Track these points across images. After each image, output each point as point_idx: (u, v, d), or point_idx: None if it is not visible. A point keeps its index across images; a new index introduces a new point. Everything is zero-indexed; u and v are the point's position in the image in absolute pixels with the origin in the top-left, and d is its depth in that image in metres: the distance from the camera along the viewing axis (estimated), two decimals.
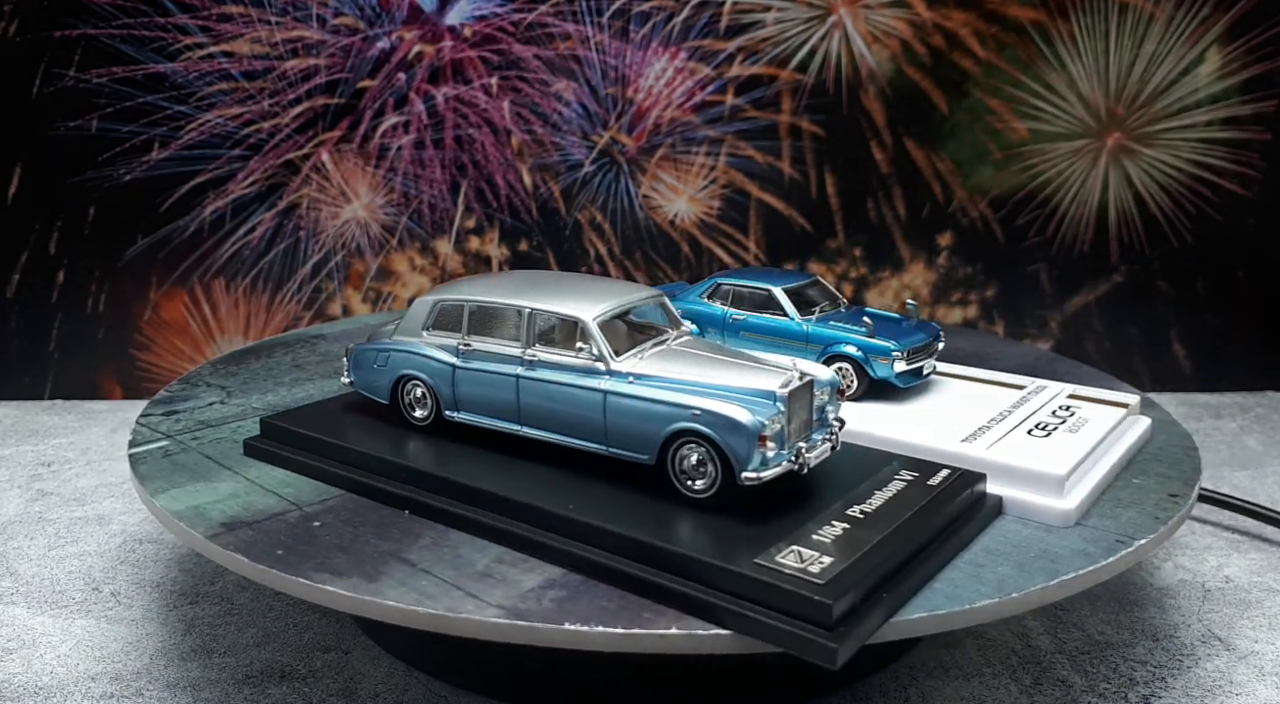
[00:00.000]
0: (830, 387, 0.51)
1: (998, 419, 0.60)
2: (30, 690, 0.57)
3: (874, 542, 0.45)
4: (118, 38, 1.04)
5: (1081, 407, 0.63)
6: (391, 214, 1.11)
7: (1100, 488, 0.55)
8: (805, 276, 0.71)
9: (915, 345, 0.65)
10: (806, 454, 0.48)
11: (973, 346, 0.84)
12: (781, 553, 0.44)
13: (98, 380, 1.12)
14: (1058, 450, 0.55)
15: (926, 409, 0.63)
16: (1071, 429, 0.59)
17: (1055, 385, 0.67)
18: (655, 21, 1.08)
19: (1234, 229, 1.13)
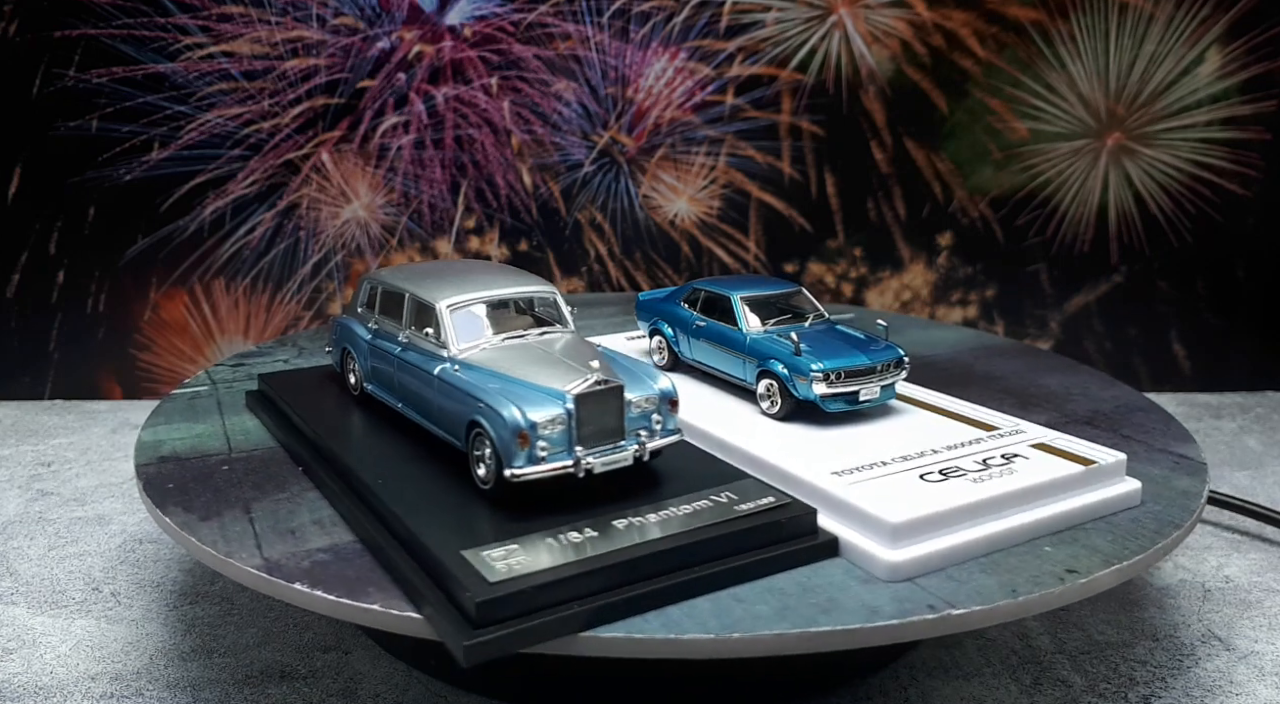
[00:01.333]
0: (661, 397, 0.50)
1: (912, 456, 0.54)
2: (30, 690, 0.57)
3: (602, 553, 0.43)
4: (118, 38, 1.04)
5: (1033, 458, 0.53)
6: (391, 214, 1.11)
7: (979, 548, 0.48)
8: (786, 286, 0.66)
9: (848, 368, 0.58)
10: (591, 460, 0.48)
11: (1058, 384, 0.72)
12: (496, 549, 0.44)
13: (98, 380, 1.12)
14: (922, 498, 0.48)
15: (849, 435, 0.57)
16: (979, 479, 0.51)
17: (1033, 431, 0.57)
18: (655, 21, 1.08)
19: (1234, 229, 1.13)
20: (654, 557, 0.44)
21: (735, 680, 0.54)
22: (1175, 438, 0.62)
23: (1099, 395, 0.70)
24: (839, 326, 0.64)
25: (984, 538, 0.48)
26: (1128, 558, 0.47)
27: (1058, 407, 0.68)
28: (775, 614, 0.42)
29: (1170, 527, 0.50)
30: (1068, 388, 0.72)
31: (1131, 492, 0.53)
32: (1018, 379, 0.74)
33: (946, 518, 0.48)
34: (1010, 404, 0.67)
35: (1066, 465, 0.52)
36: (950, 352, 0.82)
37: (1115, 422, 0.65)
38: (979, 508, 0.49)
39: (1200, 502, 0.54)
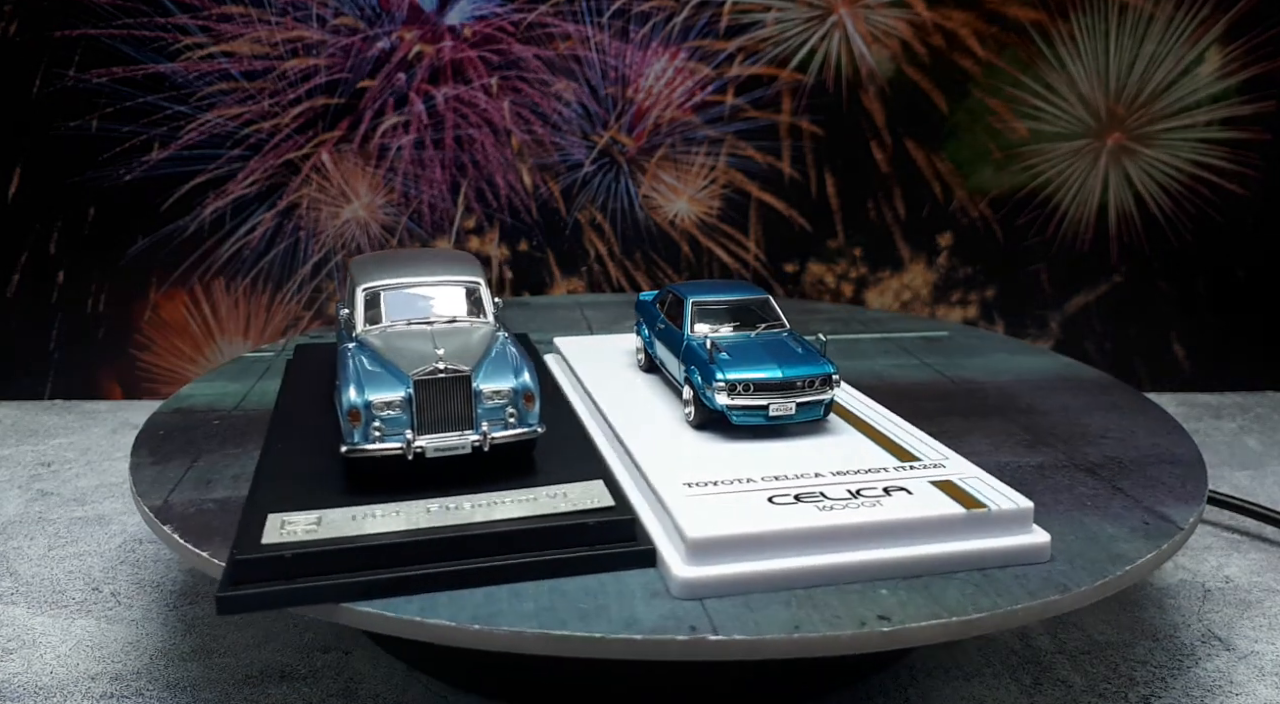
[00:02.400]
0: (516, 391, 0.50)
1: (789, 477, 0.50)
2: (30, 690, 0.57)
3: (378, 532, 0.45)
4: (118, 38, 1.04)
5: (919, 495, 0.49)
6: (391, 214, 1.11)
7: (799, 578, 0.44)
8: (750, 293, 0.64)
9: (758, 381, 0.55)
10: (423, 444, 0.49)
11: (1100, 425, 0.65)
12: (299, 516, 0.46)
13: (98, 380, 1.12)
14: (737, 519, 0.46)
15: (749, 450, 0.54)
16: (830, 508, 0.47)
17: (955, 467, 0.52)
18: (655, 21, 1.08)
19: (1234, 229, 1.14)
20: (435, 543, 0.45)
21: (735, 682, 0.54)
22: (1177, 498, 0.54)
23: (1136, 442, 0.62)
24: (787, 339, 0.60)
25: (804, 569, 0.44)
26: (964, 614, 0.42)
27: (1070, 449, 0.61)
28: (533, 613, 0.42)
29: (1058, 589, 0.44)
30: (1107, 430, 0.64)
31: (1036, 545, 0.47)
32: (1059, 415, 0.66)
33: (758, 542, 0.45)
34: (1017, 441, 0.62)
35: (949, 506, 0.47)
36: (1013, 378, 0.74)
37: (1124, 473, 0.57)
38: (807, 537, 0.45)
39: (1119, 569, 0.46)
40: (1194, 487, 0.55)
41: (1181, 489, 0.55)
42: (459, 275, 0.58)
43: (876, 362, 0.79)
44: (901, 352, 0.82)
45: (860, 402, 0.63)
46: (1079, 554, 0.47)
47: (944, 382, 0.74)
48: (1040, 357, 0.81)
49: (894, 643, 0.41)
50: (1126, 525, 0.50)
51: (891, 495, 0.48)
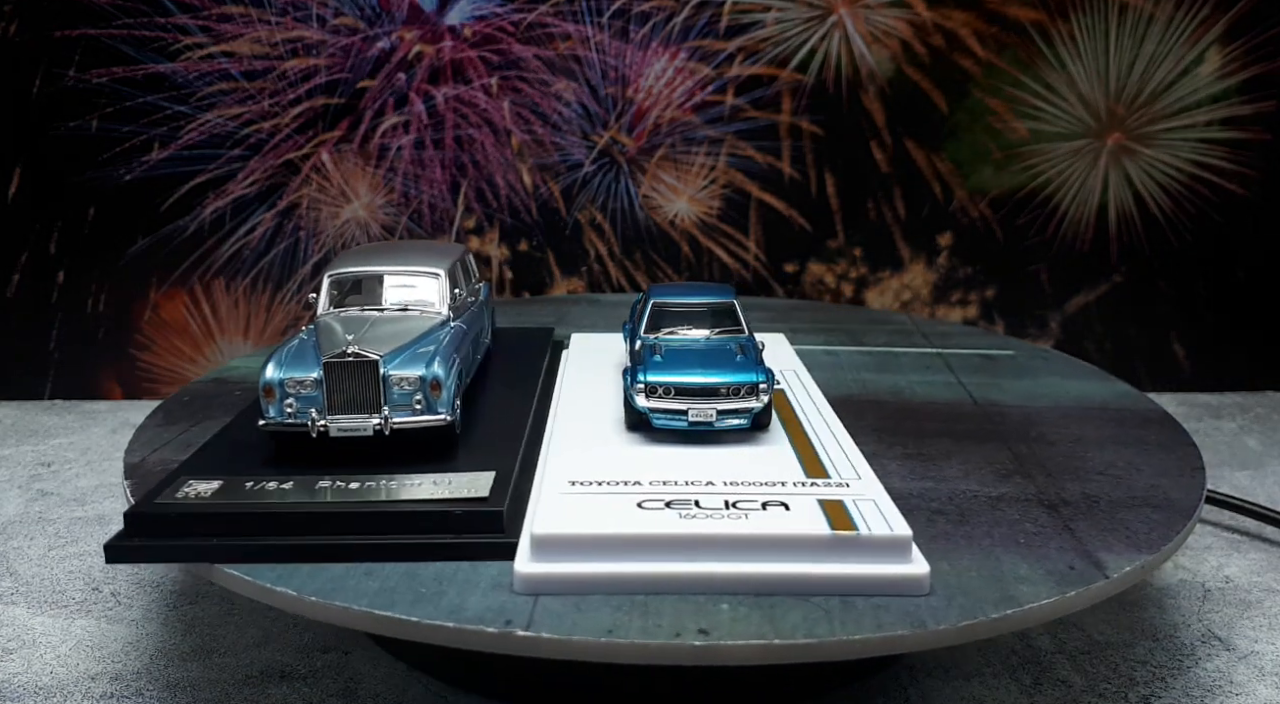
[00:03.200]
0: (421, 380, 0.52)
1: (677, 484, 0.50)
2: (30, 690, 0.57)
3: (261, 502, 0.48)
4: (118, 38, 1.04)
5: (797, 511, 0.47)
6: (391, 214, 1.11)
7: (642, 585, 0.44)
8: (718, 297, 0.63)
9: (679, 385, 0.54)
10: (326, 424, 0.52)
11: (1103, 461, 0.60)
12: (204, 481, 0.50)
13: (98, 380, 1.12)
14: (587, 519, 0.46)
15: (664, 455, 0.54)
16: (692, 517, 0.46)
17: (860, 487, 0.50)
18: (655, 21, 1.08)
19: (1234, 229, 1.14)
20: (306, 517, 0.47)
21: (737, 683, 0.54)
22: (1130, 545, 0.49)
23: (1132, 482, 0.56)
24: (733, 344, 0.59)
25: (645, 575, 0.44)
26: (790, 638, 0.40)
27: (1049, 483, 0.56)
28: (375, 592, 0.44)
29: (912, 625, 0.42)
30: (1110, 466, 0.59)
31: (911, 576, 0.44)
32: (1067, 446, 0.61)
33: (599, 543, 0.44)
34: (995, 470, 0.57)
35: (817, 526, 0.45)
36: (1049, 404, 0.69)
37: (1089, 514, 0.52)
38: (654, 543, 0.44)
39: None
40: (1159, 535, 0.50)
41: (1143, 537, 0.50)
42: (421, 266, 0.61)
43: (906, 377, 0.75)
44: (942, 368, 0.78)
45: (820, 413, 0.60)
46: (965, 592, 0.44)
47: (964, 403, 0.69)
48: (1096, 383, 0.75)
49: (702, 659, 0.40)
50: (1044, 568, 0.46)
51: (766, 510, 0.47)
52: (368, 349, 0.53)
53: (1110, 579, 0.45)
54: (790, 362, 0.72)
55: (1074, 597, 0.44)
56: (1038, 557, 0.47)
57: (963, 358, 0.81)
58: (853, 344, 0.85)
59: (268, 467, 0.52)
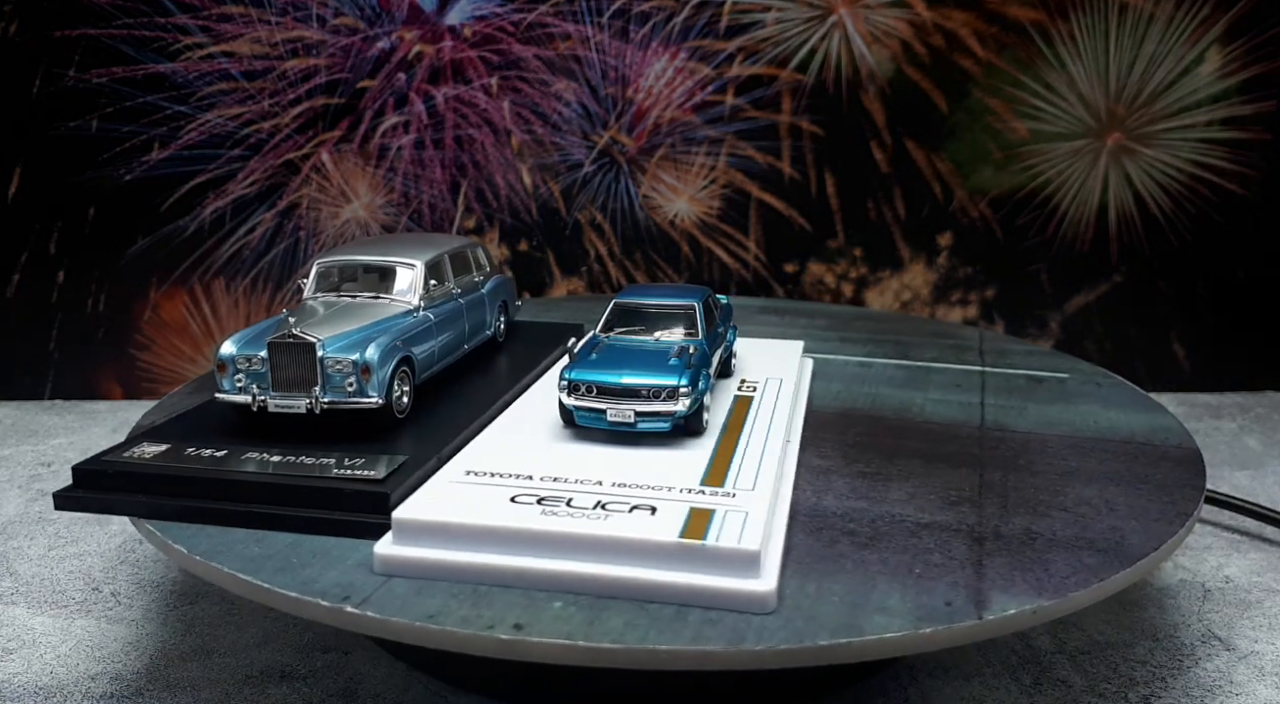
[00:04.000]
0: (354, 365, 0.56)
1: (568, 480, 0.50)
2: (30, 690, 0.57)
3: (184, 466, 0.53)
4: (118, 38, 1.04)
5: (662, 517, 0.46)
6: (391, 214, 1.11)
7: (488, 576, 0.45)
8: (682, 298, 0.63)
9: (600, 384, 0.55)
10: (264, 399, 0.56)
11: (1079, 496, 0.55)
12: (153, 445, 0.55)
13: (98, 380, 1.12)
14: (447, 507, 0.47)
15: (582, 452, 0.55)
16: (554, 514, 0.46)
17: (744, 499, 0.48)
18: (655, 21, 1.08)
19: (1234, 229, 1.14)
20: (217, 483, 0.51)
21: (737, 684, 0.54)
22: (1037, 589, 0.45)
23: (1093, 524, 0.51)
24: (675, 347, 0.59)
25: (491, 567, 0.45)
26: (596, 641, 0.41)
27: (996, 515, 0.52)
28: (251, 557, 0.47)
29: (730, 641, 0.41)
30: (1080, 504, 0.54)
31: (754, 593, 0.43)
32: (1047, 478, 0.57)
33: (450, 531, 0.46)
34: (946, 497, 0.54)
35: (668, 533, 0.44)
36: (1065, 434, 0.64)
37: (1020, 551, 0.48)
38: (505, 537, 0.45)
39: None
40: (1076, 581, 0.46)
41: (1055, 582, 0.46)
42: (400, 258, 0.65)
43: (927, 394, 0.71)
44: (973, 388, 0.73)
45: (775, 423, 0.59)
46: (810, 616, 0.42)
47: (968, 425, 0.65)
48: (1137, 414, 0.68)
49: (507, 652, 0.41)
50: (917, 602, 0.44)
51: (631, 513, 0.46)
52: (308, 332, 0.56)
53: (980, 622, 0.43)
54: (788, 370, 0.69)
55: (927, 635, 0.42)
56: (920, 589, 0.45)
57: (1005, 378, 0.76)
58: (896, 357, 0.82)
59: (218, 436, 0.56)
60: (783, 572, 0.46)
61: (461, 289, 0.69)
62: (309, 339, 0.56)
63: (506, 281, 0.78)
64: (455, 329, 0.67)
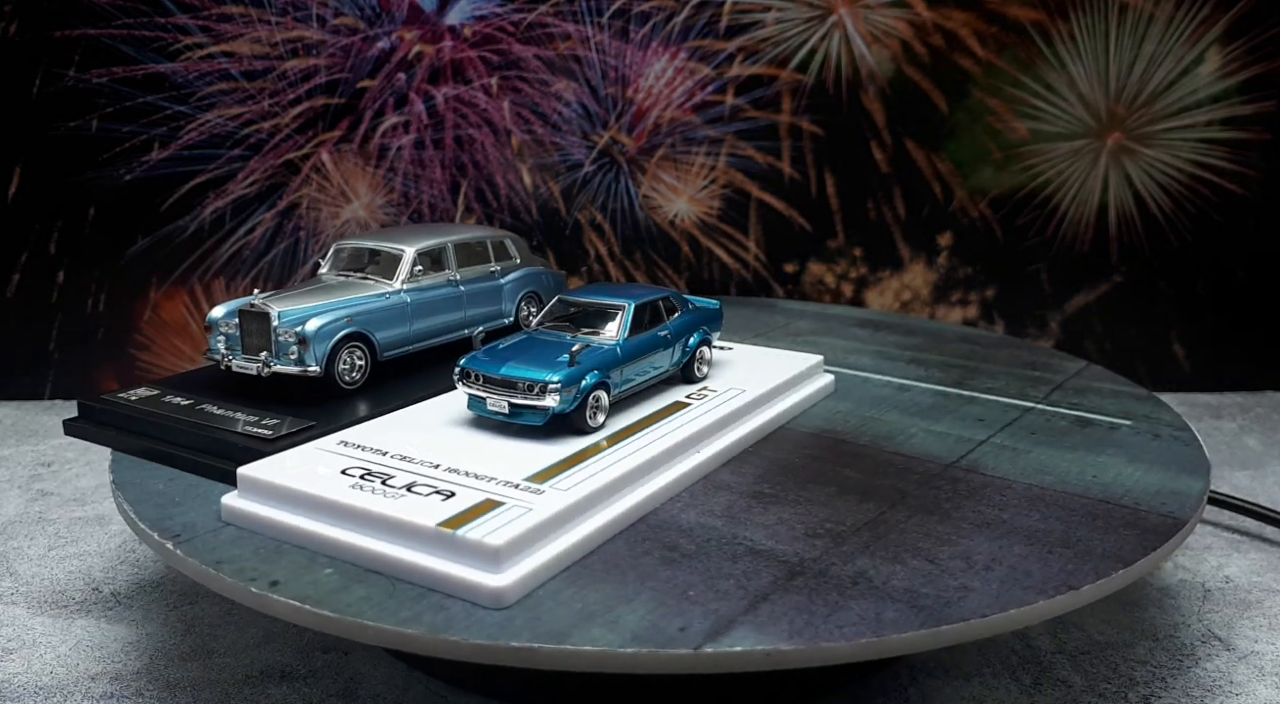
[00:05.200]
0: (297, 337, 0.61)
1: (413, 460, 0.53)
2: (30, 690, 0.57)
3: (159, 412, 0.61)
4: (118, 38, 1.04)
5: (458, 500, 0.48)
6: (391, 214, 1.11)
7: (299, 538, 0.49)
8: (615, 298, 0.63)
9: (485, 375, 0.57)
10: (230, 360, 0.63)
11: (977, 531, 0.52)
12: (149, 391, 0.64)
13: (98, 380, 1.12)
14: (282, 472, 0.51)
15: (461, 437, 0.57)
16: (366, 488, 0.49)
17: (542, 499, 0.49)
18: (655, 21, 1.08)
19: (1234, 229, 1.14)
20: (156, 425, 0.59)
21: (738, 685, 0.54)
22: (792, 633, 0.42)
23: (936, 580, 0.47)
24: (576, 343, 0.59)
25: (287, 527, 0.49)
26: (328, 608, 0.43)
27: (839, 555, 0.49)
28: (140, 493, 0.54)
29: (433, 629, 0.42)
30: (962, 557, 0.49)
31: (490, 587, 0.44)
32: (966, 527, 0.52)
33: (275, 492, 0.51)
34: (817, 529, 0.51)
35: (432, 518, 0.46)
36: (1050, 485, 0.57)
37: (810, 589, 0.46)
38: (307, 502, 0.49)
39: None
40: (850, 631, 0.43)
41: (831, 630, 0.43)
42: (395, 244, 0.70)
43: (926, 423, 0.67)
44: (996, 424, 0.67)
45: (686, 431, 0.58)
46: (536, 619, 0.43)
47: (934, 462, 0.60)
48: (1160, 475, 0.59)
49: (252, 603, 0.45)
50: (657, 621, 0.43)
51: (428, 496, 0.49)
52: (269, 304, 0.62)
53: (696, 652, 0.41)
54: (768, 383, 0.66)
55: (634, 655, 0.41)
56: (672, 611, 0.44)
57: (1049, 417, 0.68)
58: (948, 383, 0.76)
59: (198, 390, 0.64)
60: (554, 573, 0.46)
61: (467, 277, 0.73)
62: (265, 309, 0.62)
63: (540, 274, 0.80)
64: (446, 314, 0.71)
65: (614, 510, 0.51)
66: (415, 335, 0.69)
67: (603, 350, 0.59)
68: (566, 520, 0.48)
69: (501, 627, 0.42)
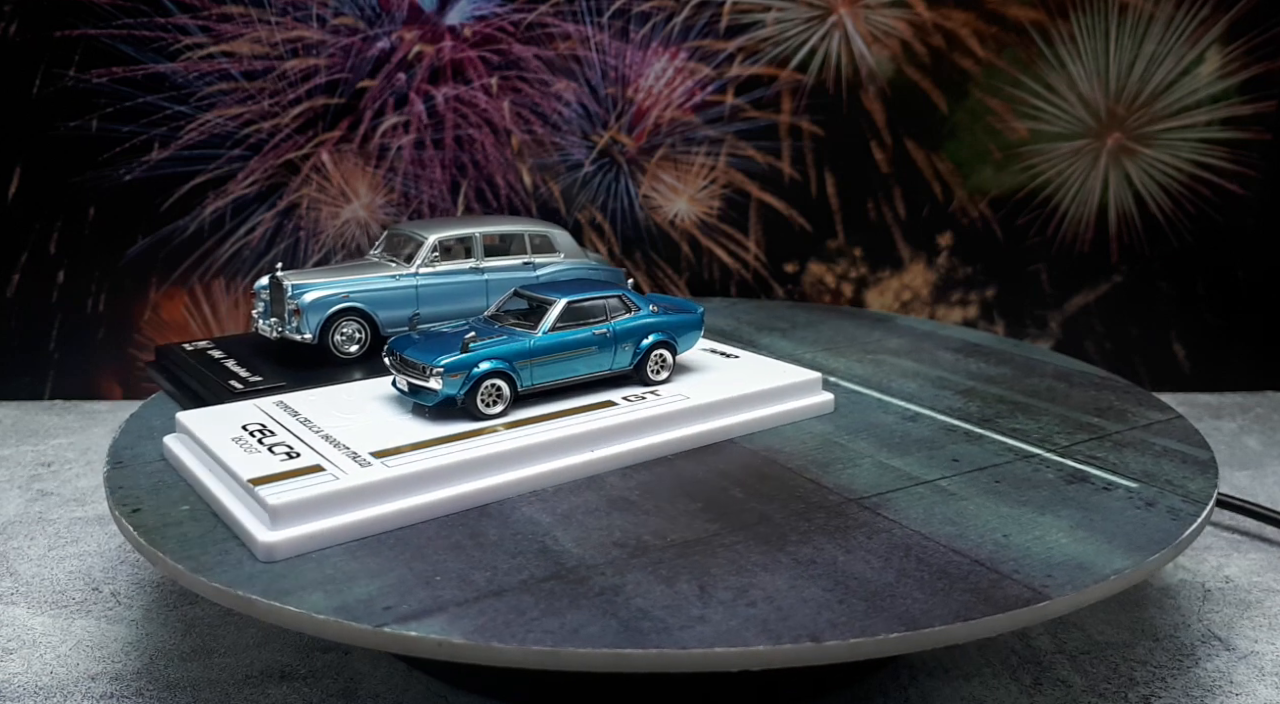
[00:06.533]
0: (298, 307, 0.70)
1: (317, 428, 0.57)
2: (30, 690, 0.57)
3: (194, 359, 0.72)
4: (118, 38, 1.04)
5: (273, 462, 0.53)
6: (391, 214, 1.11)
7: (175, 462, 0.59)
8: (554, 295, 0.64)
9: (402, 356, 0.60)
10: (258, 323, 0.73)
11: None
12: (207, 342, 0.76)
13: (98, 380, 1.12)
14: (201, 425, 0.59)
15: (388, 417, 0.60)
16: (251, 450, 0.54)
17: (359, 470, 0.52)
18: (655, 21, 1.08)
19: (1234, 229, 1.14)
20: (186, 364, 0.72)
21: (740, 684, 0.54)
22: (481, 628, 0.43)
23: (694, 606, 0.44)
24: (488, 330, 0.62)
25: (180, 464, 0.57)
26: (142, 534, 0.51)
27: (620, 567, 0.48)
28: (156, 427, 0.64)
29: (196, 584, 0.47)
30: (737, 588, 0.46)
31: (259, 542, 0.48)
32: (781, 559, 0.49)
33: (185, 435, 0.59)
34: (615, 543, 0.50)
35: (247, 472, 0.52)
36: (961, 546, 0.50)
37: (556, 594, 0.45)
38: (192, 448, 0.58)
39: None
40: (537, 637, 0.42)
41: (522, 625, 0.43)
42: (423, 232, 0.76)
43: (890, 457, 0.61)
44: (964, 467, 0.60)
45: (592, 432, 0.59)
46: (281, 576, 0.46)
47: (844, 498, 0.56)
48: (1088, 546, 0.51)
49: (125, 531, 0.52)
50: (362, 597, 0.45)
51: (276, 454, 0.54)
52: (287, 276, 0.71)
53: (375, 629, 0.42)
54: (722, 394, 0.64)
55: (320, 621, 0.43)
56: (404, 591, 0.45)
57: (1037, 465, 0.61)
58: (973, 420, 0.68)
59: (241, 347, 0.75)
60: (342, 542, 0.49)
61: (494, 267, 0.77)
62: (281, 280, 0.70)
63: (584, 269, 0.82)
64: (467, 300, 0.76)
65: (436, 495, 0.53)
66: (428, 318, 0.73)
67: (512, 342, 0.61)
68: (372, 495, 0.51)
69: (250, 577, 0.46)
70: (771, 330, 0.92)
